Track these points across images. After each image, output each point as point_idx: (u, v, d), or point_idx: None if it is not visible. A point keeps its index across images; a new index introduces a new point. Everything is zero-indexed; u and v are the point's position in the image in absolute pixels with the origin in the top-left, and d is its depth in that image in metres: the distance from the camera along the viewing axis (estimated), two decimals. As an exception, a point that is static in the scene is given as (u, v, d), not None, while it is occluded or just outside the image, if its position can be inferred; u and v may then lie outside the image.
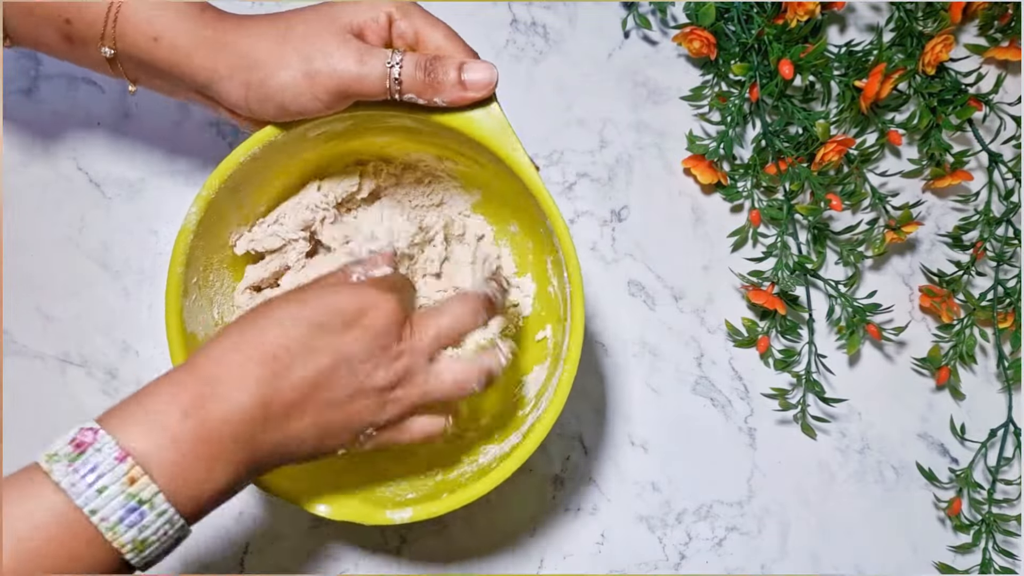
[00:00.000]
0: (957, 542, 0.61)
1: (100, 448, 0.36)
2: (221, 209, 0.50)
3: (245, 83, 0.45)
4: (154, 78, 0.48)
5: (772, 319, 0.61)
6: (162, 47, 0.45)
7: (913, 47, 0.61)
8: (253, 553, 0.59)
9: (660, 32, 0.64)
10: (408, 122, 0.49)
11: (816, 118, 0.60)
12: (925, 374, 0.63)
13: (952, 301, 0.61)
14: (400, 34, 0.46)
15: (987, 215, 0.61)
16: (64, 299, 0.60)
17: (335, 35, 0.44)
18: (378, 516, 0.48)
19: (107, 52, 0.46)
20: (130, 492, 0.35)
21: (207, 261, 0.51)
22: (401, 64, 0.44)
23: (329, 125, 0.49)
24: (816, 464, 0.62)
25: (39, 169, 0.61)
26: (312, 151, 0.52)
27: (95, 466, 0.35)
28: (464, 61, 0.45)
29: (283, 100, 0.45)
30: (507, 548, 0.60)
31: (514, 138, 0.47)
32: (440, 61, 0.45)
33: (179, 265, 0.48)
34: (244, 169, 0.49)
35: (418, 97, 0.45)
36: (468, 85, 0.45)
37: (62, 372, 0.60)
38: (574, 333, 0.47)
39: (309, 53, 0.44)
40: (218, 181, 0.48)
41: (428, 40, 0.46)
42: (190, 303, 0.50)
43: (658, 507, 0.61)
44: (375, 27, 0.45)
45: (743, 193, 0.62)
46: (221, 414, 0.38)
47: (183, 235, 0.48)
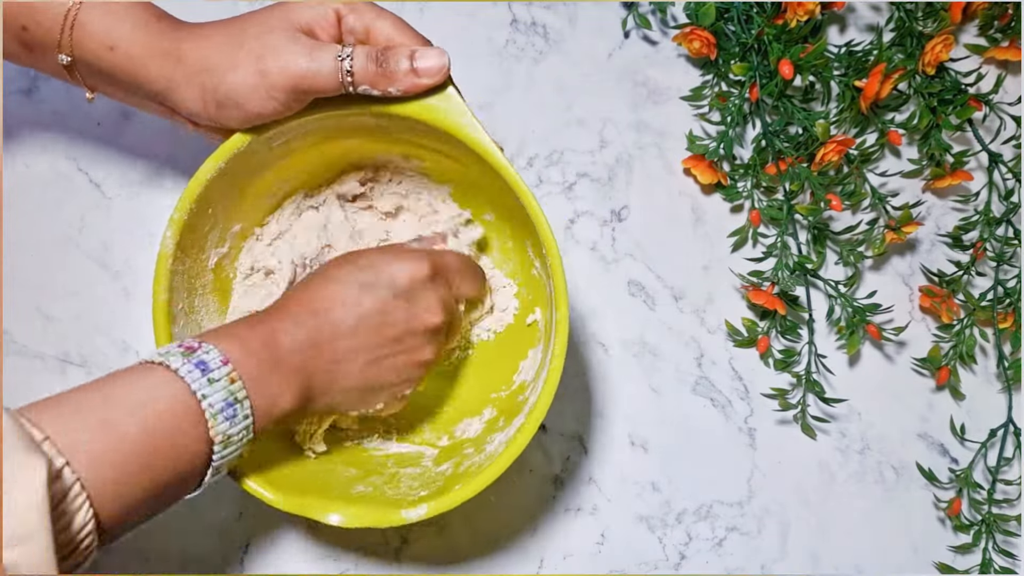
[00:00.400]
0: (957, 542, 0.61)
1: (208, 352, 0.41)
2: (196, 230, 0.50)
3: (200, 88, 0.45)
4: (111, 86, 0.48)
5: (772, 319, 0.61)
6: (118, 56, 0.45)
7: (913, 47, 0.61)
8: (253, 553, 0.59)
9: (660, 32, 0.64)
10: (369, 120, 0.49)
11: (816, 118, 0.60)
12: (925, 374, 0.63)
13: (952, 301, 0.61)
14: (350, 29, 0.46)
15: (987, 215, 0.61)
16: (64, 299, 0.60)
17: (285, 33, 0.45)
18: (394, 517, 0.48)
19: (64, 60, 0.46)
20: (230, 389, 0.41)
21: (190, 286, 0.51)
22: (352, 56, 0.45)
23: (292, 133, 0.49)
24: (816, 464, 0.62)
25: (39, 169, 0.61)
26: (279, 161, 0.52)
27: (206, 363, 0.41)
28: (415, 49, 0.46)
29: (238, 101, 0.45)
30: (507, 548, 0.60)
31: (474, 120, 0.47)
32: (391, 51, 0.45)
33: (163, 292, 0.48)
34: (213, 186, 0.49)
35: (372, 88, 0.46)
36: (421, 72, 0.46)
37: (62, 372, 0.60)
38: (559, 306, 0.47)
39: (260, 53, 0.44)
40: (188, 202, 0.48)
41: (378, 32, 0.46)
42: (179, 330, 0.50)
43: (658, 507, 0.61)
44: (324, 24, 0.46)
45: (743, 193, 0.62)
46: (288, 346, 0.44)
47: (162, 260, 0.48)
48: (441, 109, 0.47)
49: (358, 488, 0.51)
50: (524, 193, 0.47)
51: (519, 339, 0.58)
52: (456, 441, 0.56)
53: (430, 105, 0.47)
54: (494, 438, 0.53)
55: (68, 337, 0.60)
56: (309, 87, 0.45)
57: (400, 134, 0.51)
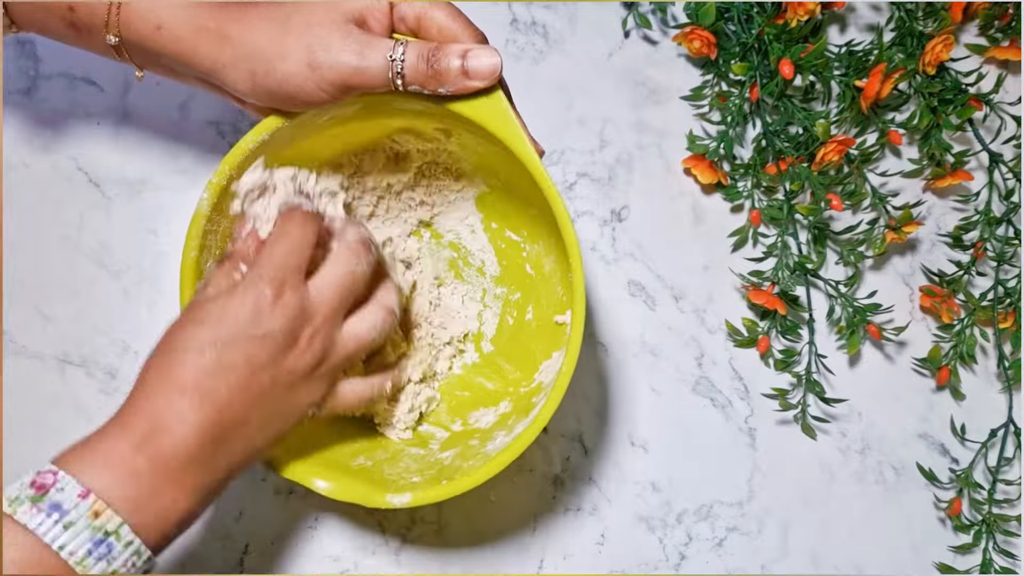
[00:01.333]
0: (957, 542, 0.61)
1: (62, 488, 0.37)
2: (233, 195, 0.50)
3: (250, 73, 0.44)
4: (160, 66, 0.48)
5: (772, 319, 0.61)
6: (165, 36, 0.45)
7: (913, 47, 0.61)
8: (253, 553, 0.59)
9: (660, 32, 0.64)
10: (416, 106, 0.48)
11: (816, 118, 0.60)
12: (925, 374, 0.63)
13: (952, 301, 0.61)
14: (401, 17, 0.45)
15: (987, 215, 0.61)
16: (64, 299, 0.60)
17: (336, 24, 0.44)
18: (379, 499, 0.48)
19: (112, 40, 0.46)
20: (95, 525, 0.37)
21: (222, 246, 0.51)
22: (403, 56, 0.44)
23: (339, 110, 0.48)
24: (816, 464, 0.62)
25: (38, 169, 0.61)
26: (321, 136, 0.52)
27: (59, 503, 0.36)
28: (468, 48, 0.44)
29: (288, 91, 0.44)
30: (507, 548, 0.60)
31: (517, 126, 0.46)
32: (443, 50, 0.44)
33: (192, 250, 0.49)
34: (254, 156, 0.49)
35: (423, 88, 0.45)
36: (472, 74, 0.44)
37: (61, 372, 0.60)
38: (575, 324, 0.47)
39: (310, 43, 0.43)
40: (228, 167, 0.48)
41: (430, 23, 0.45)
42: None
43: (658, 507, 0.61)
44: (377, 14, 0.45)
45: (743, 193, 0.62)
46: (171, 446, 0.39)
47: (196, 219, 0.49)
48: (486, 110, 0.46)
49: (358, 460, 0.52)
50: (556, 202, 0.46)
51: (550, 337, 0.58)
52: (467, 429, 0.56)
53: (476, 106, 0.46)
54: (498, 435, 0.53)
55: (67, 337, 0.60)
56: (358, 84, 0.44)
57: (446, 119, 0.50)
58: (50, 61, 0.61)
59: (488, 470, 0.48)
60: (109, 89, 0.61)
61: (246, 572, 0.59)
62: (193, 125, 0.61)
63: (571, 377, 0.47)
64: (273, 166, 0.49)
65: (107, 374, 0.60)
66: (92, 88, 0.61)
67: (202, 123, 0.61)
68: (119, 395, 0.60)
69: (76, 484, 0.37)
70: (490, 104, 0.46)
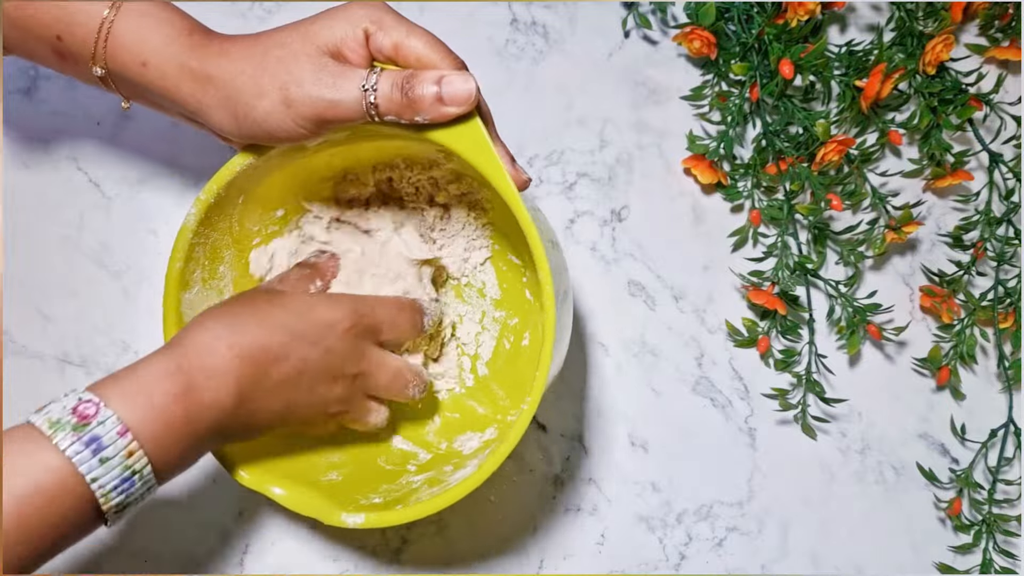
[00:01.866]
0: (957, 542, 0.61)
1: (103, 421, 0.38)
2: (224, 209, 0.50)
3: (232, 114, 0.44)
4: (145, 100, 0.48)
5: (772, 319, 0.61)
6: (150, 72, 0.45)
7: (914, 47, 0.61)
8: (253, 553, 0.59)
9: (660, 32, 0.64)
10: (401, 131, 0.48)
11: (816, 118, 0.60)
12: (925, 374, 0.62)
13: (952, 301, 0.61)
14: (378, 48, 0.44)
15: (988, 215, 0.61)
16: (63, 299, 0.60)
17: (310, 58, 0.43)
18: (333, 516, 0.48)
19: (98, 72, 0.46)
20: (127, 464, 0.38)
21: (214, 255, 0.51)
22: (376, 86, 0.43)
23: (330, 134, 0.48)
24: (816, 464, 0.62)
25: (38, 169, 0.61)
26: (316, 159, 0.52)
27: (99, 438, 0.38)
28: (443, 74, 0.43)
29: (268, 128, 0.44)
30: (507, 548, 0.60)
31: (494, 154, 0.45)
32: (417, 77, 0.43)
33: (178, 261, 0.49)
34: (245, 175, 0.49)
35: (399, 118, 0.44)
36: (447, 100, 0.43)
37: (61, 372, 0.60)
38: (540, 369, 0.46)
39: (285, 80, 0.43)
40: (216, 186, 0.49)
41: (408, 51, 0.44)
42: (191, 295, 0.50)
43: (658, 507, 0.61)
44: (352, 44, 0.44)
45: (743, 193, 0.62)
46: (206, 406, 0.42)
47: (183, 233, 0.49)
48: (464, 138, 0.45)
49: (330, 475, 0.52)
50: (531, 235, 0.45)
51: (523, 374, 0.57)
52: (450, 451, 0.55)
53: (453, 133, 0.45)
54: (470, 464, 0.52)
55: (67, 337, 0.60)
56: (332, 118, 0.44)
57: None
58: (50, 61, 0.61)
59: (443, 501, 0.47)
60: (109, 89, 0.61)
61: (246, 572, 0.59)
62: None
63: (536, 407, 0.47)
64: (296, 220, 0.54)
65: (107, 374, 0.59)
66: (92, 89, 0.60)
67: None
68: None
69: (116, 421, 0.38)
70: (468, 131, 0.45)
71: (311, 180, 0.55)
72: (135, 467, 0.39)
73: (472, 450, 0.55)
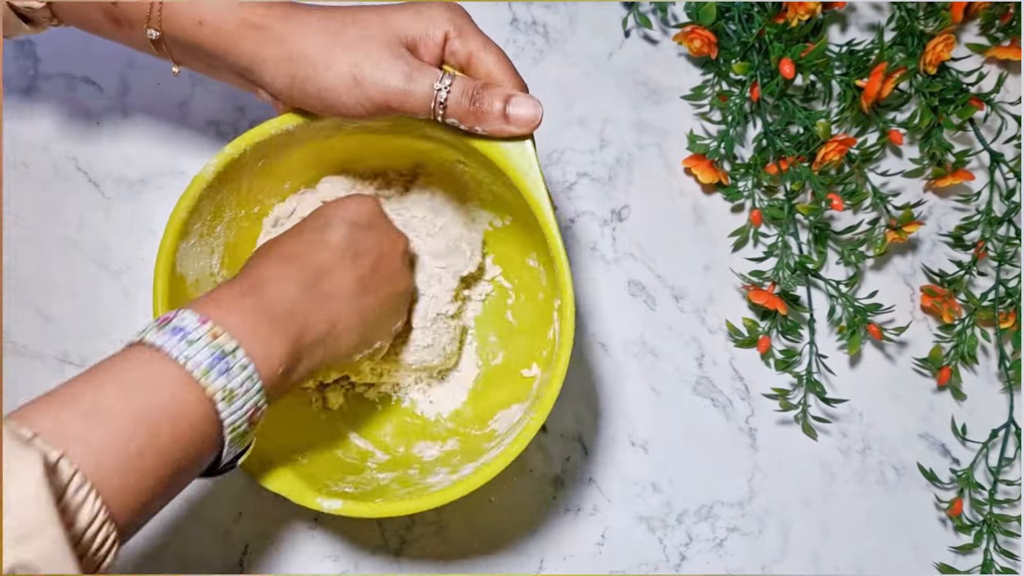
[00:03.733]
0: (958, 543, 0.61)
1: (183, 318, 0.40)
2: (242, 169, 0.50)
3: (290, 75, 0.45)
4: (198, 60, 0.48)
5: (773, 319, 0.61)
6: (206, 30, 0.45)
7: (914, 46, 0.61)
8: (253, 553, 0.59)
9: (661, 31, 0.64)
10: (445, 135, 0.49)
11: (817, 117, 0.60)
12: (926, 374, 0.62)
13: (953, 301, 0.61)
14: (453, 52, 0.46)
15: (988, 215, 0.61)
16: (63, 299, 0.60)
17: (388, 45, 0.44)
18: (308, 497, 0.48)
19: (152, 35, 0.46)
20: (215, 344, 0.39)
21: (217, 213, 0.51)
22: (449, 89, 0.44)
23: (369, 121, 0.48)
24: (817, 464, 0.62)
25: (38, 169, 0.61)
26: (345, 141, 0.52)
27: (181, 327, 0.39)
28: (512, 94, 0.45)
29: (327, 99, 0.45)
30: (507, 549, 0.60)
31: (540, 180, 0.46)
32: (488, 90, 0.45)
33: (183, 210, 0.49)
34: (274, 141, 0.49)
35: (460, 123, 0.45)
36: (511, 119, 0.45)
37: (61, 372, 0.60)
38: (552, 384, 0.47)
39: (358, 58, 0.44)
40: (245, 143, 0.48)
41: (480, 64, 0.46)
42: (187, 246, 0.50)
43: (658, 508, 0.61)
44: (430, 44, 0.45)
45: (744, 193, 0.62)
46: (274, 294, 0.43)
47: (196, 181, 0.48)
48: (513, 155, 0.46)
49: (297, 458, 0.51)
50: (560, 261, 0.46)
51: (513, 387, 0.57)
52: (408, 456, 0.55)
53: (504, 150, 0.46)
54: (440, 471, 0.52)
55: (67, 337, 0.60)
56: (399, 107, 0.44)
57: (472, 156, 0.50)
58: (50, 61, 0.61)
59: (427, 502, 0.48)
60: (109, 89, 0.61)
61: (246, 572, 0.59)
62: (193, 124, 0.61)
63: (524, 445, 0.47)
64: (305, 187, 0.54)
65: None
66: (92, 88, 0.61)
67: (202, 122, 0.61)
68: None
69: (194, 315, 0.40)
70: (519, 152, 0.46)
71: (329, 161, 0.55)
72: (224, 348, 0.39)
73: (433, 458, 0.55)
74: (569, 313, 0.46)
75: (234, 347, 0.40)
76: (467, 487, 0.47)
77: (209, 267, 0.52)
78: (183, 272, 0.50)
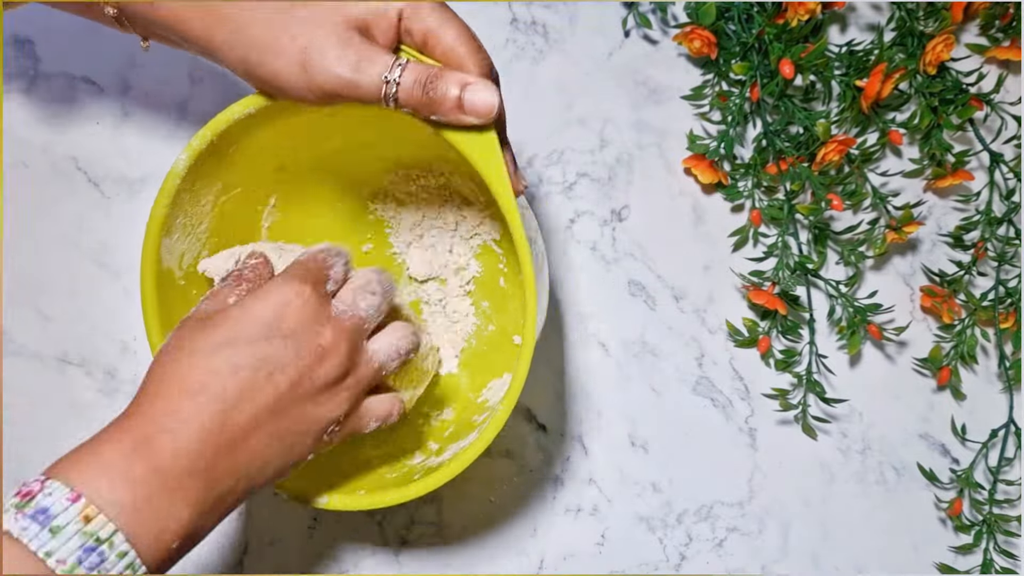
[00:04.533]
0: (958, 543, 0.61)
1: (50, 493, 0.34)
2: (215, 157, 0.49)
3: (242, 60, 0.43)
4: (162, 38, 0.47)
5: (773, 319, 0.61)
6: (160, 10, 0.44)
7: (914, 47, 0.61)
8: (253, 553, 0.59)
9: (660, 31, 0.63)
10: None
11: (817, 118, 0.60)
12: (926, 374, 0.62)
13: (953, 301, 0.61)
14: (407, 31, 0.43)
15: (988, 215, 0.61)
16: (63, 299, 0.60)
17: (336, 29, 0.42)
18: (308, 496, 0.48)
19: (110, 11, 0.45)
20: (86, 531, 0.33)
21: (195, 204, 0.50)
22: (399, 79, 0.42)
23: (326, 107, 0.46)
24: (817, 464, 0.62)
25: (38, 169, 0.60)
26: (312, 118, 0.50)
27: (46, 508, 0.33)
28: (468, 81, 0.42)
29: (278, 86, 0.43)
30: (507, 549, 0.60)
31: (502, 169, 0.44)
32: (441, 78, 0.42)
33: (162, 207, 0.48)
34: (239, 125, 0.47)
35: (415, 112, 0.43)
36: (468, 108, 0.42)
37: (61, 372, 0.59)
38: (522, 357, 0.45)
39: (306, 44, 0.42)
40: (211, 133, 0.47)
41: (437, 41, 0.42)
42: (171, 242, 0.49)
43: (658, 508, 0.61)
44: (383, 24, 0.43)
45: (744, 193, 0.62)
46: (170, 450, 0.37)
47: (170, 177, 0.47)
48: (477, 145, 0.44)
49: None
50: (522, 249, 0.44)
51: (506, 355, 0.56)
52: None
53: (467, 138, 0.44)
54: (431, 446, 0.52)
55: (67, 337, 0.60)
56: (349, 96, 0.42)
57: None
58: (49, 61, 0.61)
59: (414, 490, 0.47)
60: (108, 88, 0.61)
61: (246, 572, 0.59)
62: (192, 124, 0.61)
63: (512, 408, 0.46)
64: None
65: (107, 374, 0.60)
66: (91, 87, 0.61)
67: (202, 121, 0.59)
68: (119, 395, 0.60)
69: (65, 488, 0.34)
70: (481, 141, 0.44)
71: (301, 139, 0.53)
72: (99, 535, 0.33)
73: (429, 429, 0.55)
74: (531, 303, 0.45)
75: (111, 532, 0.34)
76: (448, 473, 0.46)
77: (196, 258, 0.51)
78: (170, 267, 0.49)
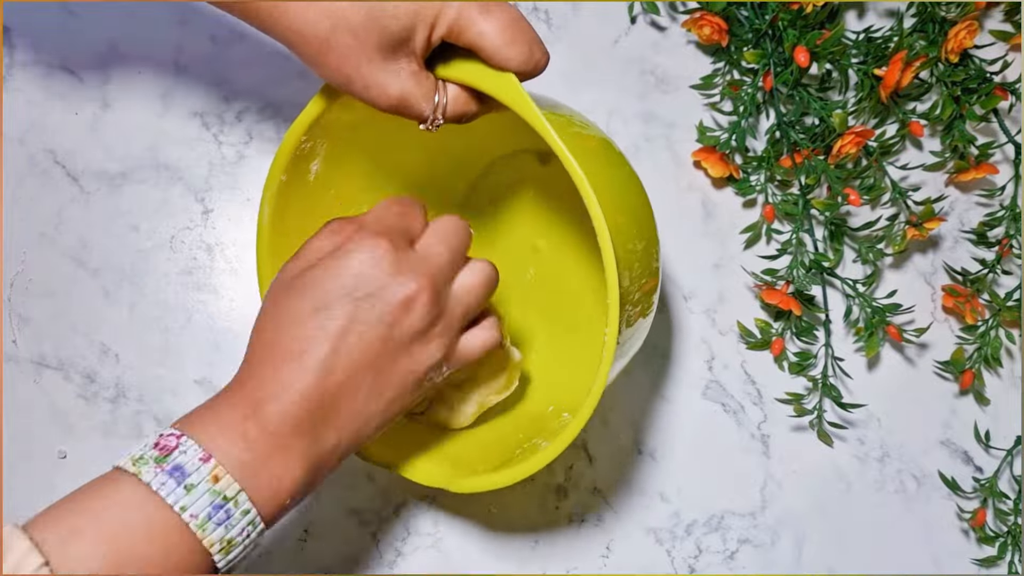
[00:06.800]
0: (981, 555, 0.60)
1: (185, 451, 0.38)
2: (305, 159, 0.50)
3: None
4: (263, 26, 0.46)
5: (787, 320, 0.60)
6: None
7: (935, 33, 0.60)
8: (239, 568, 0.58)
9: (668, 17, 0.62)
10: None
11: (833, 108, 0.59)
12: (948, 378, 0.62)
13: (976, 301, 0.60)
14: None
15: (1013, 210, 0.60)
16: (40, 299, 0.59)
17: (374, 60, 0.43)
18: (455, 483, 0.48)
19: None
20: (215, 490, 0.37)
21: (292, 210, 0.51)
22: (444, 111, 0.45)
23: None
24: (833, 473, 0.61)
25: (14, 162, 0.59)
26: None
27: (181, 466, 0.37)
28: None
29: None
30: (508, 561, 0.59)
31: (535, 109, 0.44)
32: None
33: (265, 217, 0.50)
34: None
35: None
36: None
37: (38, 375, 0.58)
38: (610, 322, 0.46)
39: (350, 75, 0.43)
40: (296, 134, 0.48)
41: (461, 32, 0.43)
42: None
43: (667, 518, 0.60)
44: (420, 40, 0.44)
45: (756, 187, 0.61)
46: (278, 412, 0.40)
47: (270, 182, 0.49)
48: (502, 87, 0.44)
49: None
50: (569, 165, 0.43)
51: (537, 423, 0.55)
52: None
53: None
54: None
55: (44, 339, 0.59)
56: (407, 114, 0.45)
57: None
58: (26, 49, 0.60)
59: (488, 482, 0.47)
60: (88, 78, 0.60)
61: (246, 572, 0.58)
62: (176, 116, 0.60)
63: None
64: None
65: (85, 377, 0.59)
66: (70, 77, 0.60)
67: (185, 114, 0.60)
68: (98, 399, 0.59)
69: (198, 448, 0.38)
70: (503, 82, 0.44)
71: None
72: (226, 493, 0.37)
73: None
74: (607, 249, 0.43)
75: (236, 492, 0.38)
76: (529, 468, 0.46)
77: None
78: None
